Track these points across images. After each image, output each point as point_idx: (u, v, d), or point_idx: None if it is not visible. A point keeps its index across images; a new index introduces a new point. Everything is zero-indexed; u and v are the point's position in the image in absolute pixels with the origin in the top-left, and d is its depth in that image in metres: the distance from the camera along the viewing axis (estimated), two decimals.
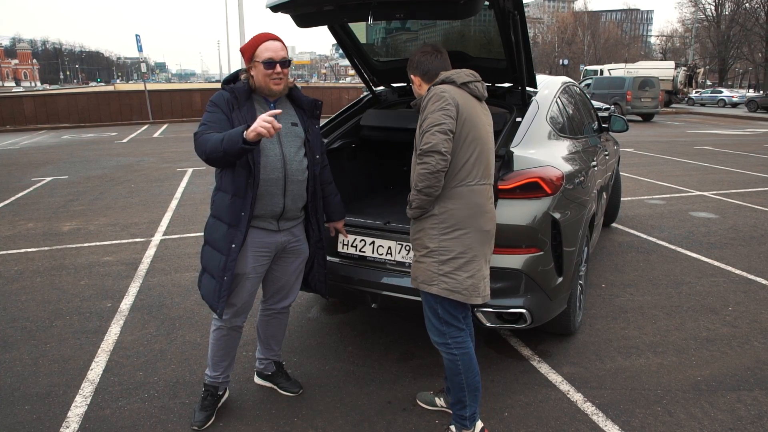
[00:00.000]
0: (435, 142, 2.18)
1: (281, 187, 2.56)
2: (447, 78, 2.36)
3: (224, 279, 2.51)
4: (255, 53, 2.46)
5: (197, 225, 6.65)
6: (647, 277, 4.82)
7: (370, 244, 3.20)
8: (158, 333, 3.83)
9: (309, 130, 2.69)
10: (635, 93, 22.40)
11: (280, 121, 2.52)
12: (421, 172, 2.23)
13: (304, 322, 3.98)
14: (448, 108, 2.22)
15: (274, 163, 2.52)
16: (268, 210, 2.57)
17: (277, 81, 2.49)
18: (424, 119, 2.26)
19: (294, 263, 2.83)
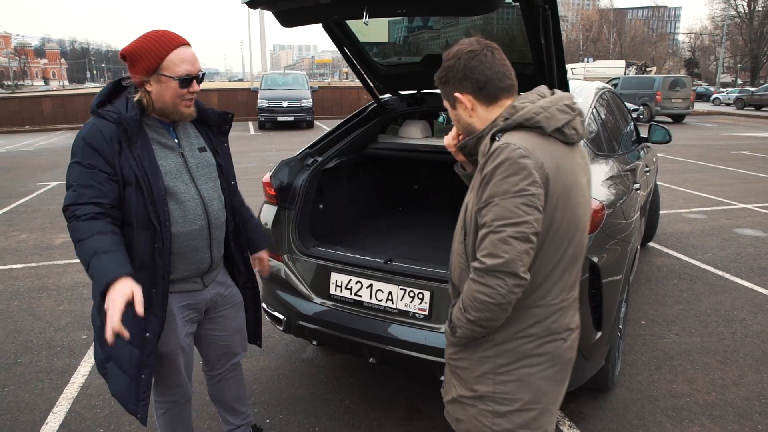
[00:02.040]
0: (509, 258, 1.37)
1: (206, 237, 2.01)
2: (528, 119, 1.46)
3: (142, 377, 1.91)
4: (162, 64, 1.80)
5: None
6: (693, 312, 4.20)
7: (367, 288, 2.67)
8: None
9: (218, 151, 2.10)
10: (665, 93, 21.47)
11: (187, 149, 1.99)
12: (480, 298, 1.42)
13: (297, 365, 3.47)
14: (533, 191, 1.38)
15: (193, 210, 1.95)
16: (193, 270, 2.02)
17: (190, 102, 1.91)
18: (488, 201, 1.41)
19: (232, 316, 2.26)
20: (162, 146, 1.92)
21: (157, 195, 1.83)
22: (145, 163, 1.83)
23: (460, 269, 1.59)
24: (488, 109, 1.55)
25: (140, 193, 1.81)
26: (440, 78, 1.58)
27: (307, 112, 18.70)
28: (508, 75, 1.55)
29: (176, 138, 1.98)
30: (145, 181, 1.81)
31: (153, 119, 1.92)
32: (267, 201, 3.07)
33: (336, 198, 3.47)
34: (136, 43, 1.81)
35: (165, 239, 1.86)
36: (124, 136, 1.80)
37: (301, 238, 2.93)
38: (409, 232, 3.54)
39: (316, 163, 3.09)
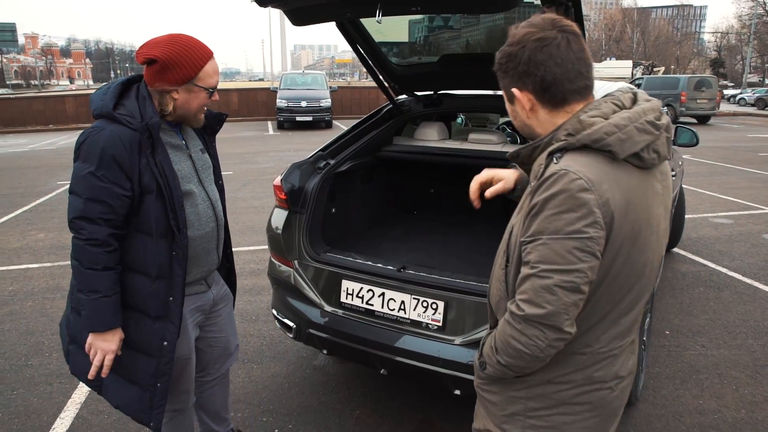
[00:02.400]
0: (553, 311, 1.16)
1: (215, 238, 2.03)
2: (596, 140, 1.17)
3: (158, 386, 1.88)
4: (198, 75, 1.77)
5: None
6: (721, 323, 4.03)
7: (378, 296, 2.57)
8: None
9: (212, 152, 2.12)
10: (690, 94, 21.01)
11: (193, 150, 1.98)
12: (514, 345, 1.22)
13: (308, 372, 3.39)
14: (592, 234, 1.13)
15: (205, 213, 1.97)
16: (205, 271, 2.04)
17: (205, 110, 1.92)
18: (535, 237, 1.17)
19: (225, 312, 2.27)
20: (174, 149, 1.89)
21: (177, 201, 1.81)
22: (167, 169, 1.79)
23: (498, 296, 1.38)
24: (552, 113, 1.27)
25: (161, 200, 1.78)
26: (499, 65, 1.28)
27: (326, 112, 18.68)
28: (583, 73, 1.24)
29: (183, 139, 1.96)
30: (167, 187, 1.78)
31: (166, 125, 1.89)
32: (278, 205, 2.99)
33: (349, 202, 3.38)
34: (168, 49, 1.74)
35: (183, 246, 1.84)
36: (147, 142, 1.75)
37: (312, 243, 2.85)
38: (424, 237, 3.43)
39: (329, 166, 3.00)
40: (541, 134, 1.29)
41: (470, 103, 3.38)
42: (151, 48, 1.74)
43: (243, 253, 5.68)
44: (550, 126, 1.27)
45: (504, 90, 1.33)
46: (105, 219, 1.72)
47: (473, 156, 3.24)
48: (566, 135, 1.21)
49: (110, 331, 1.79)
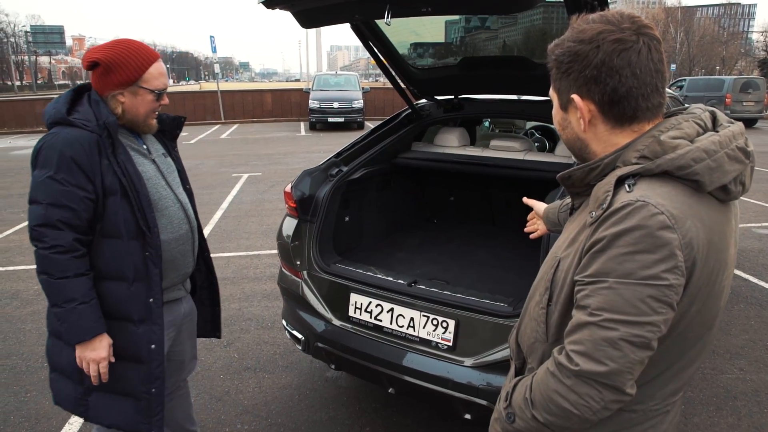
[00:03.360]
0: (616, 369, 0.97)
1: (190, 240, 2.01)
2: (682, 167, 1.00)
3: (152, 392, 1.85)
4: (143, 77, 1.77)
5: (233, 242, 6.16)
6: (763, 344, 3.77)
7: (387, 312, 2.45)
8: None
9: (174, 156, 2.09)
10: (736, 96, 20.20)
11: (155, 155, 1.95)
12: (560, 403, 1.03)
13: (319, 384, 3.29)
14: (671, 281, 0.95)
15: (177, 215, 1.94)
16: (181, 275, 2.02)
17: (155, 114, 1.89)
18: (597, 278, 0.99)
19: (189, 328, 2.23)
20: (137, 153, 1.87)
21: (144, 201, 1.78)
22: (130, 168, 1.76)
23: (534, 338, 1.20)
24: (615, 130, 1.08)
25: (127, 201, 1.75)
26: (558, 63, 1.08)
27: (357, 113, 18.63)
28: (659, 89, 1.04)
29: (144, 144, 1.94)
30: (131, 187, 1.75)
31: (125, 131, 1.87)
32: (288, 213, 2.90)
33: (363, 210, 3.27)
34: (111, 52, 1.75)
35: (156, 246, 1.81)
36: (107, 142, 1.72)
37: (322, 253, 2.75)
38: (441, 248, 3.30)
39: (341, 174, 2.90)
40: (596, 153, 1.11)
41: (492, 108, 3.23)
42: (93, 52, 1.76)
43: (264, 257, 5.64)
44: (609, 145, 1.09)
45: (557, 93, 1.12)
46: (68, 224, 1.67)
47: (494, 164, 3.09)
48: (639, 158, 1.02)
49: (96, 338, 1.75)
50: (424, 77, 3.20)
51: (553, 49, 1.10)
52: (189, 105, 23.26)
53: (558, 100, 1.14)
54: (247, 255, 5.72)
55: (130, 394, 1.85)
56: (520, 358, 1.32)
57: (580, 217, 1.14)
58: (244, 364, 3.53)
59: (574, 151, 1.17)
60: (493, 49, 3.47)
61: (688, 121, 1.06)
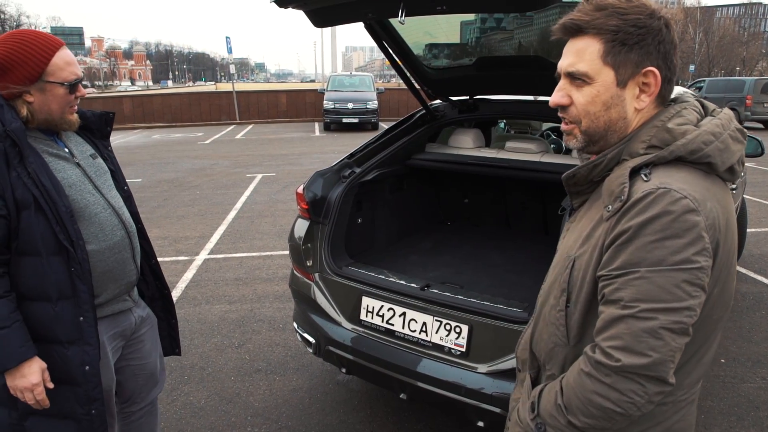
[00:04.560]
0: (659, 359, 0.96)
1: (129, 247, 1.85)
2: (694, 150, 1.02)
3: (92, 413, 1.71)
4: (46, 70, 1.60)
5: (247, 243, 6.16)
6: None
7: (399, 316, 2.41)
8: None
9: (107, 156, 1.91)
10: (757, 97, 19.83)
11: (80, 157, 1.78)
12: (600, 403, 1.00)
13: (330, 387, 3.26)
14: (702, 263, 0.96)
15: (109, 221, 1.77)
16: (124, 285, 1.85)
17: (75, 109, 1.73)
18: (627, 270, 0.98)
19: (151, 338, 2.06)
20: (55, 157, 1.71)
21: (63, 213, 1.62)
22: (43, 179, 1.59)
23: (553, 343, 1.16)
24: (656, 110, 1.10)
25: (41, 214, 1.59)
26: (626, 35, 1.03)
27: (372, 114, 18.62)
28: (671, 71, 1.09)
29: (65, 147, 1.77)
30: (47, 199, 1.59)
31: (34, 130, 1.68)
32: (300, 215, 2.87)
33: (376, 212, 3.24)
34: (3, 48, 1.57)
35: (82, 260, 1.65)
36: (13, 151, 1.56)
37: (334, 256, 2.72)
38: (454, 251, 3.25)
39: (354, 175, 2.86)
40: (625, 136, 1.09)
41: (508, 109, 3.17)
42: None
43: (277, 257, 5.62)
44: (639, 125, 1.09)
45: (615, 66, 1.05)
46: None
47: (509, 167, 3.03)
48: (648, 147, 1.05)
49: (24, 364, 1.59)
50: (439, 77, 3.16)
51: (600, 17, 1.04)
52: (204, 105, 23.44)
53: (615, 75, 1.06)
54: (259, 255, 5.71)
55: (69, 416, 1.72)
56: (534, 367, 1.28)
57: (589, 214, 1.13)
58: (255, 366, 3.51)
59: (600, 137, 1.11)
60: (509, 50, 3.42)
61: (687, 108, 1.09)
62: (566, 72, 1.10)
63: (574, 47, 1.08)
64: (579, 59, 1.07)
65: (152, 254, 2.06)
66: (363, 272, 2.63)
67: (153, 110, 23.12)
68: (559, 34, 1.11)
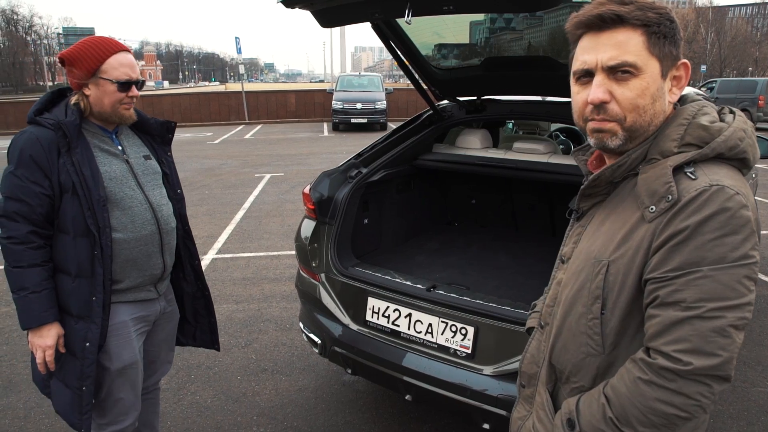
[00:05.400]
0: (728, 358, 0.95)
1: (157, 243, 2.00)
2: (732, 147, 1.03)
3: (83, 389, 1.87)
4: (101, 67, 1.81)
5: (255, 242, 6.18)
6: None
7: (405, 317, 2.40)
8: (167, 387, 3.26)
9: (163, 160, 2.11)
10: None
11: (132, 156, 1.99)
12: (665, 410, 0.97)
13: (336, 388, 3.26)
14: (756, 258, 0.97)
15: (142, 215, 1.95)
16: (147, 276, 2.01)
17: (129, 105, 1.91)
18: (687, 270, 0.96)
19: (165, 330, 2.22)
20: (105, 152, 1.90)
21: (96, 201, 1.80)
22: (85, 168, 1.79)
23: (583, 354, 1.11)
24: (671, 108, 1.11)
25: (77, 199, 1.78)
26: (659, 24, 1.03)
27: (380, 114, 18.61)
28: None
29: (120, 145, 1.97)
30: (83, 187, 1.78)
31: (94, 125, 1.90)
32: (306, 215, 2.87)
33: (383, 213, 3.23)
34: (75, 48, 1.83)
35: (105, 246, 1.82)
36: (63, 141, 1.77)
37: (340, 256, 2.71)
38: (461, 252, 3.24)
39: (361, 176, 2.86)
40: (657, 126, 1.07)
41: (516, 109, 3.15)
42: (64, 51, 1.84)
43: (284, 257, 5.63)
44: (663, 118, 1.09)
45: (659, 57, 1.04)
46: (24, 217, 1.75)
47: (516, 167, 3.01)
48: (682, 145, 1.04)
49: (44, 327, 1.82)
50: (447, 78, 3.15)
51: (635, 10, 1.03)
52: (214, 105, 23.52)
53: (660, 66, 1.05)
54: (267, 255, 5.72)
55: (69, 386, 1.91)
56: (551, 380, 1.22)
57: (615, 217, 1.09)
58: (261, 366, 3.51)
59: (642, 132, 1.07)
60: (518, 50, 3.41)
61: (707, 106, 1.09)
62: (608, 66, 1.03)
63: (612, 40, 1.03)
64: (623, 51, 1.02)
65: (196, 255, 2.24)
66: (369, 273, 2.63)
67: (162, 110, 23.16)
68: (584, 28, 1.07)
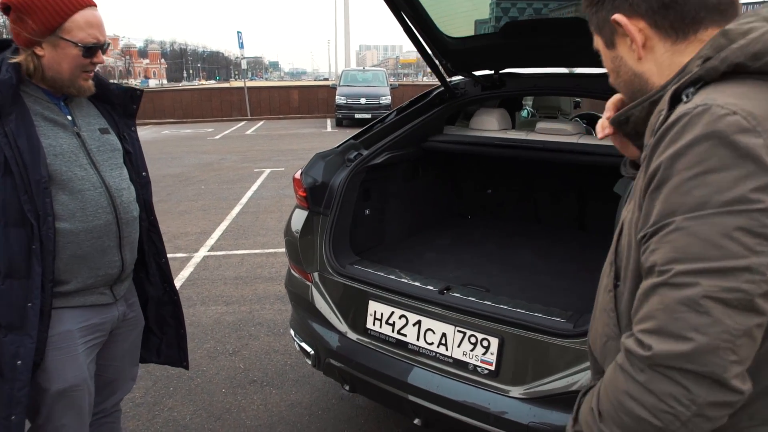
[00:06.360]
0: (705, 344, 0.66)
1: (114, 235, 1.64)
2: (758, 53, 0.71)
3: (12, 419, 1.48)
4: (63, 25, 1.45)
5: (250, 239, 5.80)
6: None
7: (413, 325, 2.00)
8: (143, 401, 2.88)
9: (125, 136, 1.74)
10: None
11: (85, 128, 1.62)
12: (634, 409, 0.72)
13: (333, 403, 2.86)
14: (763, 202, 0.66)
15: (95, 201, 1.58)
16: (101, 276, 1.63)
17: (90, 75, 1.57)
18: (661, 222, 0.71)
19: (127, 341, 1.85)
20: (50, 123, 1.55)
21: (34, 182, 1.46)
22: (21, 141, 1.44)
23: (606, 336, 0.92)
24: (677, 46, 0.83)
25: (10, 179, 1.44)
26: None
27: (385, 110, 18.19)
28: None
29: (69, 115, 1.61)
30: (18, 164, 1.44)
31: (37, 89, 1.54)
32: (298, 204, 2.48)
33: (387, 202, 2.82)
34: None
35: (46, 239, 1.48)
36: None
37: (336, 252, 2.31)
38: (476, 249, 2.82)
39: (361, 158, 2.46)
40: (661, 84, 0.83)
41: (540, 84, 2.74)
42: None
43: (281, 255, 5.24)
44: (674, 68, 0.83)
45: (598, 30, 0.92)
46: None
47: (544, 148, 2.60)
48: (702, 62, 0.76)
49: None
50: (460, 47, 2.72)
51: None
52: (215, 101, 23.24)
53: (602, 41, 0.93)
54: (262, 253, 5.34)
55: None
56: (597, 368, 0.99)
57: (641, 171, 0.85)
58: (249, 377, 3.12)
59: (632, 99, 0.91)
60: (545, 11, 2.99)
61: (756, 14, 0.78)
62: None
63: None
64: None
65: (163, 252, 1.91)
66: (370, 272, 2.23)
67: (163, 106, 22.93)
68: None
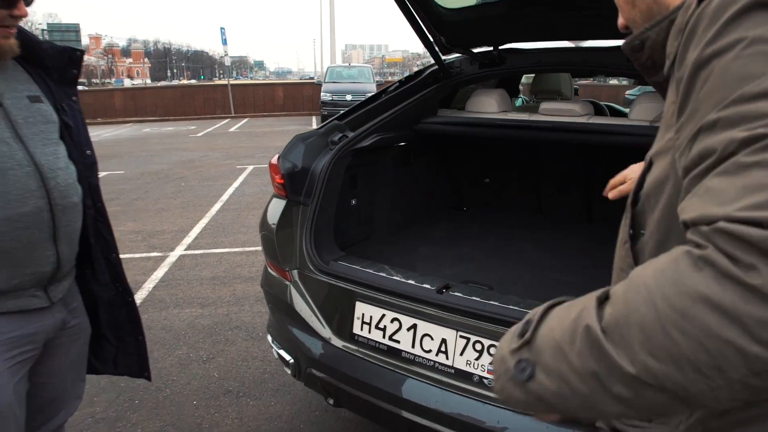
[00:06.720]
0: None
1: (47, 225, 1.36)
2: None
3: None
4: None
5: (229, 237, 5.49)
6: None
7: (408, 329, 1.72)
8: (104, 416, 2.58)
9: (63, 106, 1.46)
10: None
11: (9, 96, 1.34)
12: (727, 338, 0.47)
13: (317, 415, 2.58)
14: None
15: (20, 183, 1.30)
16: (29, 275, 1.37)
17: (11, 30, 1.29)
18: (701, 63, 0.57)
19: (69, 353, 1.58)
20: None
21: None
22: None
23: None
24: None
25: None
26: None
27: None
28: None
29: None
30: None
31: None
32: (275, 193, 2.19)
33: (376, 191, 2.55)
34: None
35: None
36: None
37: (319, 247, 2.03)
38: (476, 242, 2.56)
39: (346, 140, 2.18)
40: None
41: (544, 60, 2.48)
42: None
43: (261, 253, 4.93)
44: None
45: None
46: None
47: (552, 128, 2.33)
48: None
49: None
50: (457, 19, 2.44)
51: None
52: (198, 99, 22.88)
53: None
54: (242, 251, 5.04)
55: None
56: None
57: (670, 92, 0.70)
58: (224, 386, 2.82)
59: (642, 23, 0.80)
60: None
61: None
62: None
63: None
64: None
65: (113, 246, 1.64)
66: (357, 269, 1.95)
67: (145, 104, 22.55)
68: None
